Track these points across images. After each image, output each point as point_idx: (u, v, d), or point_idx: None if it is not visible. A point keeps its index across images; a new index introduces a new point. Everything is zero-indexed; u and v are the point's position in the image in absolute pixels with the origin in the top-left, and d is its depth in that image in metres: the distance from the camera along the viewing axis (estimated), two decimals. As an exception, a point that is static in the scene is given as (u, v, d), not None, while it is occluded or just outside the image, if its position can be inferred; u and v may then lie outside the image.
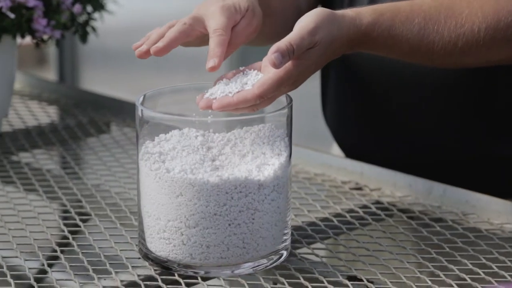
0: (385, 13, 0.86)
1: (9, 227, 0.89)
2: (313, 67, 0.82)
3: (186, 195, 0.78)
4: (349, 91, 1.07)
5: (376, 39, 0.85)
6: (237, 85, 0.79)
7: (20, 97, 1.29)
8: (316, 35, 0.80)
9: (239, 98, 0.78)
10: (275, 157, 0.80)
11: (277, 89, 0.79)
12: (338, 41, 0.83)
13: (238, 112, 0.80)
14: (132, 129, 1.17)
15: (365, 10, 0.85)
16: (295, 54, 0.79)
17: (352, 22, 0.84)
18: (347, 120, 1.08)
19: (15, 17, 1.06)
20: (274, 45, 0.78)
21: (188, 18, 0.86)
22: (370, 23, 0.85)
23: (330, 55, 0.83)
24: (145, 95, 0.82)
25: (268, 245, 0.80)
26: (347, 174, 1.03)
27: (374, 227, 0.91)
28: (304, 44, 0.80)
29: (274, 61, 0.78)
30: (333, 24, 0.82)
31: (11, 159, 1.08)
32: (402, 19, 0.86)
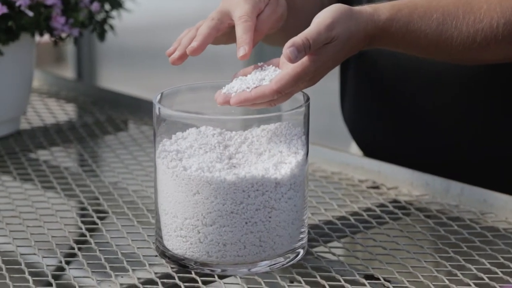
0: (403, 9, 0.86)
1: (27, 224, 0.90)
2: (331, 63, 0.81)
3: (203, 193, 0.78)
4: (368, 87, 1.07)
5: (394, 34, 0.85)
6: (255, 80, 0.79)
7: (38, 95, 1.29)
8: (333, 30, 0.80)
9: (257, 93, 0.78)
10: (292, 156, 0.80)
11: (295, 85, 0.79)
12: (356, 37, 0.82)
13: (255, 107, 0.80)
14: (150, 127, 1.17)
15: (383, 6, 0.85)
16: (312, 49, 0.79)
17: (370, 18, 0.83)
18: (365, 117, 1.08)
19: (33, 15, 1.06)
20: (290, 40, 0.78)
21: (215, 12, 0.86)
22: (388, 19, 0.84)
23: (348, 51, 0.83)
24: (163, 93, 0.82)
25: (285, 243, 0.80)
26: (364, 173, 1.02)
27: (391, 226, 0.91)
28: (321, 39, 0.80)
29: (289, 56, 0.78)
30: (351, 19, 0.82)
31: (29, 157, 1.09)
32: (420, 14, 0.86)
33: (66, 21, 1.09)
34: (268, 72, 0.80)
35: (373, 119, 1.07)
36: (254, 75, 0.80)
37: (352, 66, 1.09)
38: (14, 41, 1.08)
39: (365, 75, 1.07)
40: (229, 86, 0.80)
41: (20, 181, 1.02)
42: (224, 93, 0.80)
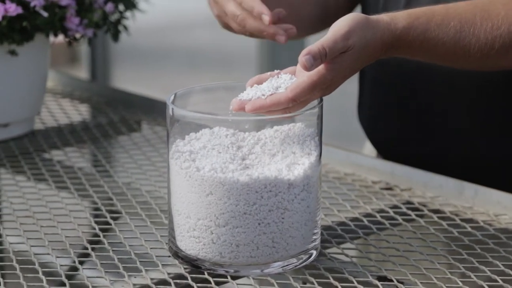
0: (420, 17, 0.85)
1: (41, 224, 0.90)
2: (348, 72, 0.81)
3: (216, 193, 0.78)
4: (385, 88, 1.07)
5: (412, 43, 0.85)
6: (270, 88, 0.80)
7: (53, 95, 1.30)
8: (349, 39, 0.80)
9: (272, 101, 0.78)
10: (305, 157, 0.80)
11: (311, 93, 0.79)
12: (373, 46, 0.82)
13: (270, 114, 0.80)
14: (163, 127, 1.17)
15: (400, 15, 0.85)
16: (328, 57, 0.79)
17: (386, 27, 0.83)
18: (381, 117, 1.08)
19: (48, 16, 1.07)
20: (306, 48, 0.78)
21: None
22: (405, 27, 0.84)
23: (365, 60, 0.83)
24: (176, 94, 0.82)
25: (298, 244, 0.80)
26: (378, 174, 1.02)
27: (404, 227, 0.90)
28: (337, 47, 0.80)
29: (305, 63, 0.78)
30: (367, 28, 0.82)
31: (43, 157, 1.09)
32: (437, 22, 0.86)
33: (81, 22, 1.10)
34: (283, 80, 0.80)
35: (389, 120, 1.07)
36: (269, 83, 0.80)
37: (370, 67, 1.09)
38: (28, 41, 1.08)
39: (383, 76, 1.07)
40: (244, 93, 0.80)
41: (34, 181, 1.02)
42: (240, 99, 0.80)
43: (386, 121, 1.07)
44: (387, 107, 1.07)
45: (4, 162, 1.07)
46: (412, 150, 1.05)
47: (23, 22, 1.06)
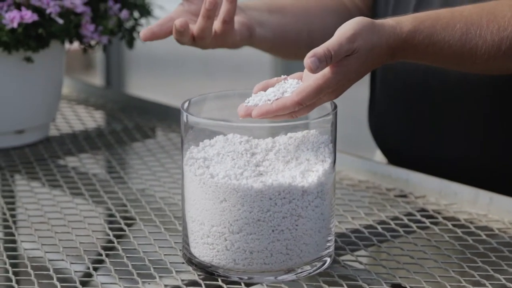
0: (426, 20, 0.85)
1: (56, 231, 0.90)
2: (353, 76, 0.81)
3: (230, 200, 0.78)
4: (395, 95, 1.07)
5: (418, 46, 0.85)
6: (277, 92, 0.80)
7: (68, 102, 1.30)
8: (354, 42, 0.80)
9: (278, 105, 0.78)
10: (319, 164, 0.80)
11: (316, 97, 0.79)
12: (378, 49, 0.82)
13: (277, 119, 0.80)
14: (177, 134, 1.18)
15: (406, 18, 0.85)
16: (333, 60, 0.79)
17: (392, 30, 0.83)
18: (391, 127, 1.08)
19: (63, 23, 1.07)
20: (311, 51, 0.78)
21: None
22: (411, 31, 0.84)
23: (371, 63, 0.83)
24: (190, 100, 0.82)
25: (312, 251, 0.80)
26: (392, 181, 1.02)
27: (418, 235, 0.90)
28: (342, 50, 0.79)
29: (310, 66, 0.78)
30: (373, 32, 0.82)
31: (58, 163, 1.10)
32: (443, 25, 0.86)
33: (96, 29, 1.10)
34: (290, 84, 0.80)
35: (399, 128, 1.07)
36: (276, 88, 0.80)
37: (380, 73, 1.08)
38: (44, 48, 1.09)
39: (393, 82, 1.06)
40: (251, 98, 0.80)
41: (49, 187, 1.03)
42: (246, 105, 0.80)
43: (396, 127, 1.07)
44: (397, 113, 1.07)
45: (19, 169, 1.07)
46: (423, 157, 1.05)
47: (39, 29, 1.07)
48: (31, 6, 1.06)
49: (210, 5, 0.92)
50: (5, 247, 0.88)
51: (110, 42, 1.13)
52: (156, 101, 1.26)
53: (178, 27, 0.93)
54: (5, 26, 1.05)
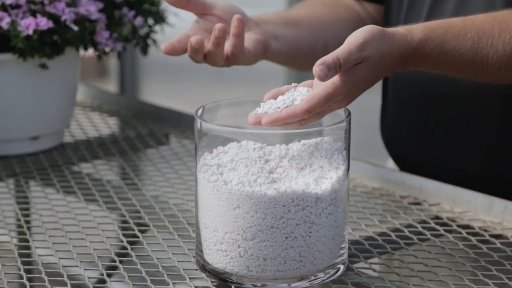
0: (437, 29, 0.85)
1: (70, 237, 0.91)
2: (363, 84, 0.81)
3: (244, 207, 0.78)
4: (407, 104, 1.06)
5: (429, 55, 0.85)
6: (287, 100, 0.80)
7: (82, 109, 1.31)
8: (364, 51, 0.80)
9: (288, 113, 0.78)
10: (333, 171, 0.79)
11: (326, 105, 0.79)
12: (389, 58, 0.82)
13: (287, 127, 0.80)
14: (191, 141, 1.18)
15: (417, 27, 0.85)
16: (342, 68, 0.79)
17: (403, 39, 0.83)
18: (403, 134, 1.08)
19: (78, 30, 1.08)
20: (320, 59, 0.78)
21: None
22: (422, 39, 0.84)
23: (381, 72, 0.82)
24: (204, 107, 0.82)
25: (325, 258, 0.80)
26: (406, 189, 1.02)
27: (432, 242, 0.90)
28: (351, 58, 0.79)
29: (319, 73, 0.78)
30: (383, 40, 0.81)
31: (72, 170, 1.10)
32: (454, 34, 0.86)
33: (110, 36, 1.11)
34: (299, 92, 0.80)
35: (411, 136, 1.06)
36: (286, 96, 0.80)
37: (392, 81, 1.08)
38: (59, 55, 1.09)
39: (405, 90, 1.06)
40: (261, 107, 0.80)
41: (63, 193, 1.03)
42: (256, 113, 0.80)
43: (407, 135, 1.07)
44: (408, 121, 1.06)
45: (34, 175, 1.08)
46: (434, 165, 1.05)
47: (54, 36, 1.07)
48: (47, 13, 1.07)
49: (219, 33, 0.92)
50: (20, 253, 0.88)
51: (125, 49, 1.13)
52: (170, 108, 1.27)
53: (194, 44, 0.93)
54: (21, 33, 1.05)
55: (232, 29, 0.93)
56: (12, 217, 0.97)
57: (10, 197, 1.03)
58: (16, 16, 1.06)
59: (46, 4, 1.07)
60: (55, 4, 1.06)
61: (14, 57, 1.08)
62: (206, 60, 0.96)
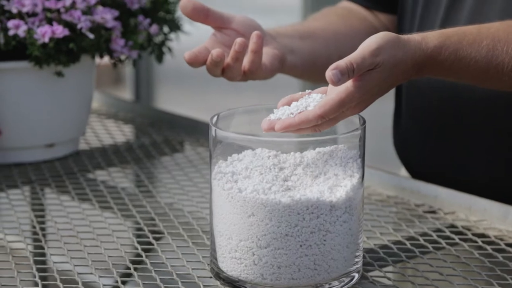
0: (452, 36, 0.85)
1: (85, 244, 0.91)
2: (376, 90, 0.81)
3: (258, 215, 0.78)
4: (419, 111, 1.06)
5: (443, 62, 0.84)
6: (300, 106, 0.80)
7: (97, 116, 1.31)
8: (378, 56, 0.80)
9: (301, 118, 0.78)
10: (348, 179, 0.79)
11: (339, 111, 0.79)
12: (403, 65, 0.82)
13: (300, 133, 0.80)
14: (206, 148, 1.18)
15: (431, 34, 0.85)
16: (355, 73, 0.79)
17: (417, 46, 0.83)
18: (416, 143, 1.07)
19: (94, 38, 1.08)
20: (334, 63, 0.78)
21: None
22: (437, 46, 0.84)
23: (395, 79, 0.82)
24: (219, 115, 0.83)
25: (340, 267, 0.79)
26: (421, 197, 1.01)
27: (448, 251, 0.89)
28: (365, 64, 0.79)
29: (332, 78, 0.78)
30: (398, 47, 0.81)
31: (87, 177, 1.10)
32: (469, 41, 0.85)
33: (126, 43, 1.11)
34: (313, 99, 0.80)
35: (424, 144, 1.06)
36: (299, 102, 0.80)
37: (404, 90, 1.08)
38: (75, 63, 1.10)
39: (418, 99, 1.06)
40: (275, 112, 0.80)
41: (78, 201, 1.03)
42: (269, 119, 0.80)
43: (420, 144, 1.06)
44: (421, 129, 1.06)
45: (49, 182, 1.08)
46: (447, 174, 1.04)
47: (70, 44, 1.08)
48: (63, 21, 1.07)
49: (239, 48, 0.93)
50: (35, 260, 0.88)
51: (140, 57, 1.13)
52: (185, 116, 1.27)
53: (215, 57, 0.93)
54: (37, 41, 1.06)
55: (251, 45, 0.93)
56: (28, 224, 0.97)
57: (26, 204, 1.03)
58: (32, 24, 1.07)
59: (62, 12, 1.07)
60: (71, 12, 1.07)
61: (30, 64, 1.08)
62: (224, 74, 0.96)
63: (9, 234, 0.94)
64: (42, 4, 1.07)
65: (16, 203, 1.02)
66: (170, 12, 1.16)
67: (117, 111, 1.33)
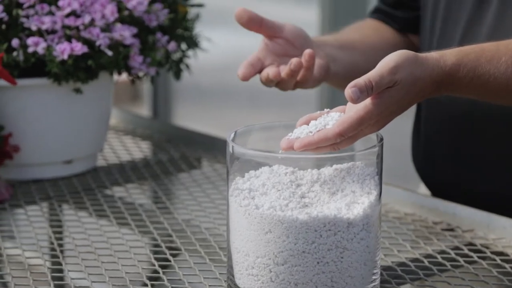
0: (470, 54, 0.85)
1: (102, 260, 0.91)
2: (395, 108, 0.81)
3: (275, 232, 0.78)
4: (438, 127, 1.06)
5: (462, 79, 0.84)
6: (319, 125, 0.80)
7: (115, 132, 1.32)
8: (396, 74, 0.80)
9: (320, 137, 0.78)
10: (365, 196, 0.79)
11: (358, 128, 0.79)
12: (421, 82, 0.82)
13: (319, 151, 0.80)
14: (223, 165, 1.18)
15: (450, 52, 0.85)
16: (374, 91, 0.79)
17: (436, 64, 0.83)
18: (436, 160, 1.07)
19: (112, 55, 1.09)
20: (352, 81, 0.79)
21: None
22: (455, 64, 0.84)
23: (414, 96, 0.82)
24: (236, 131, 0.83)
25: (357, 284, 0.79)
26: (439, 215, 1.01)
27: (466, 269, 0.89)
28: (383, 82, 0.79)
29: (351, 95, 0.78)
30: (416, 65, 0.81)
31: (105, 193, 1.11)
32: (488, 58, 0.85)
33: (144, 60, 1.12)
34: (331, 117, 0.80)
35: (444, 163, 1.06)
36: (318, 121, 0.80)
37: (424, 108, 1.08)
38: (93, 79, 1.10)
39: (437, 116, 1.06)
40: (293, 132, 0.81)
41: (95, 217, 1.04)
42: (288, 138, 0.80)
43: (440, 160, 1.06)
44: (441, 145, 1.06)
45: (67, 198, 1.08)
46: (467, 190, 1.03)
47: (88, 60, 1.08)
48: (81, 38, 1.08)
49: (295, 67, 0.95)
50: (53, 276, 0.88)
51: (158, 74, 1.14)
52: (202, 132, 1.27)
53: (272, 77, 0.96)
54: (56, 58, 1.07)
55: (304, 62, 0.96)
56: (46, 240, 0.98)
57: (44, 220, 1.04)
58: (51, 41, 1.08)
59: (81, 29, 1.08)
60: (90, 29, 1.08)
61: (49, 81, 1.09)
62: (277, 85, 0.99)
63: (27, 250, 0.94)
64: (62, 21, 1.08)
65: (34, 219, 1.03)
66: (188, 29, 1.16)
67: (134, 127, 1.34)
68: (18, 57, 1.07)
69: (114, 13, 1.09)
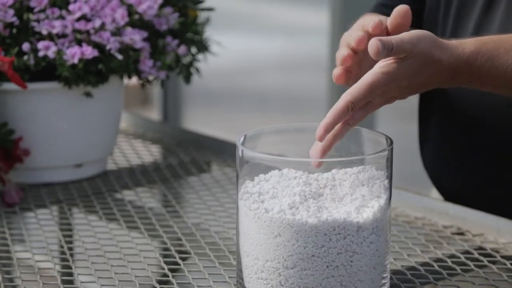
0: (488, 43, 0.84)
1: (112, 264, 0.91)
2: (405, 83, 0.81)
3: (285, 235, 0.78)
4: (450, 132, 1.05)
5: (479, 68, 0.84)
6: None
7: (125, 136, 1.32)
8: (415, 46, 0.80)
9: (331, 112, 0.78)
10: (375, 200, 0.79)
11: (368, 96, 0.79)
12: (437, 65, 0.81)
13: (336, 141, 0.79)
14: (232, 169, 1.18)
15: (468, 40, 0.84)
16: (393, 52, 0.79)
17: (454, 50, 0.83)
18: (447, 163, 1.07)
19: (122, 58, 1.09)
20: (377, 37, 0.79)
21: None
22: (473, 52, 0.83)
23: (426, 77, 0.82)
24: (246, 135, 0.83)
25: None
26: (449, 219, 1.01)
27: (476, 273, 0.89)
28: (402, 47, 0.80)
29: (377, 45, 0.78)
30: (436, 45, 0.81)
31: (115, 197, 1.11)
32: (507, 48, 0.85)
33: (154, 64, 1.12)
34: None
35: (456, 166, 1.05)
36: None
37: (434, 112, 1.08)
38: (103, 83, 1.11)
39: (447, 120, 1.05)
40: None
41: (105, 220, 1.04)
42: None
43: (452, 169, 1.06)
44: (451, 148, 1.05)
45: (77, 202, 1.09)
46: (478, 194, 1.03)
47: (99, 64, 1.09)
48: (92, 42, 1.08)
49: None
50: (62, 279, 0.89)
51: (168, 77, 1.14)
52: (212, 136, 1.27)
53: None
54: (66, 62, 1.07)
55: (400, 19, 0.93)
56: (55, 243, 0.98)
57: (54, 224, 1.04)
58: (62, 45, 1.08)
59: (91, 33, 1.08)
60: (100, 33, 1.08)
61: (60, 85, 1.09)
62: None
63: (37, 254, 0.94)
64: (72, 25, 1.08)
65: (44, 222, 1.03)
66: (198, 33, 1.16)
67: (144, 131, 1.34)
68: (29, 61, 1.08)
69: (124, 17, 1.09)
